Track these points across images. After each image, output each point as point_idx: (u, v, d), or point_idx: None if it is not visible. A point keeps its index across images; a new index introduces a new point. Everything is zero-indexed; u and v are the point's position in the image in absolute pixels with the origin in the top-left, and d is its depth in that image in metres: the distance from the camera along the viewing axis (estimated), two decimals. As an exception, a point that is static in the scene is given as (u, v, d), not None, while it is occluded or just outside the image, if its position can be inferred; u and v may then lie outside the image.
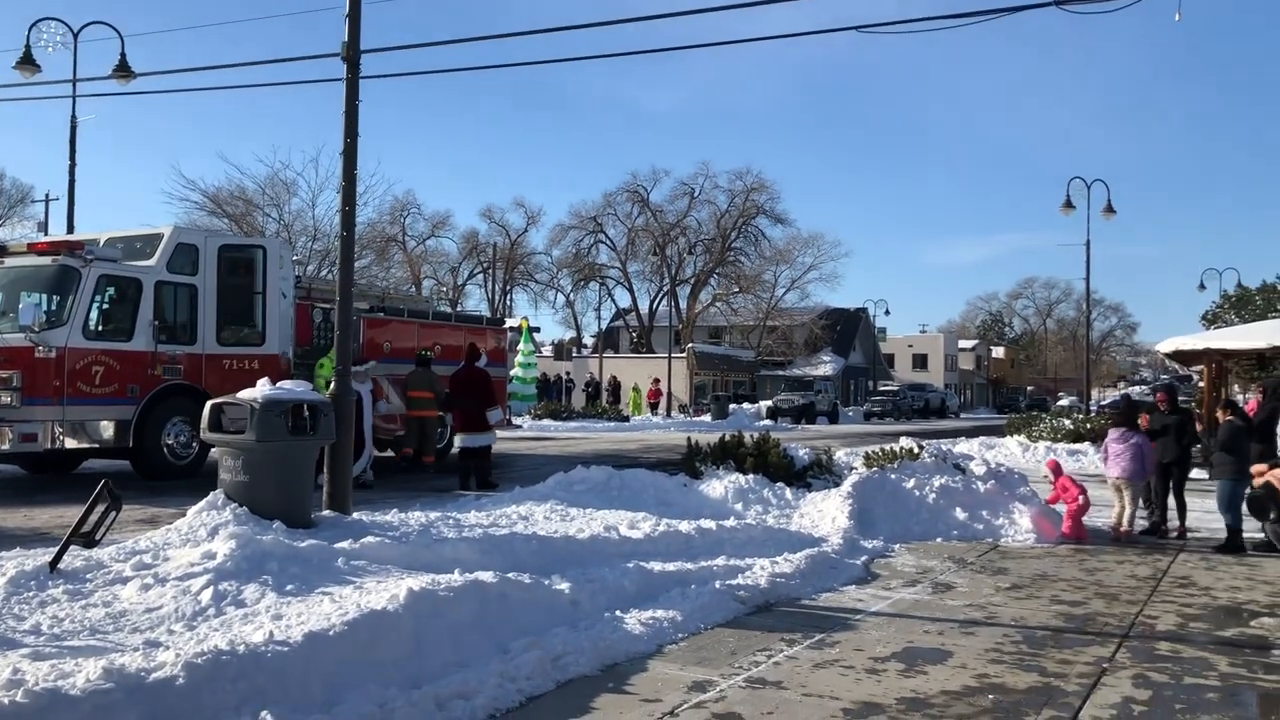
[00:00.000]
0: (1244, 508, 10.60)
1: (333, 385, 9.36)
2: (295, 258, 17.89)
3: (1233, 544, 10.68)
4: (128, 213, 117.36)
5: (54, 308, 12.67)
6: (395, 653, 5.40)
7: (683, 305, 67.25)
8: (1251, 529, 10.89)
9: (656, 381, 47.72)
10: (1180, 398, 14.19)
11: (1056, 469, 11.97)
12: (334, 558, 6.95)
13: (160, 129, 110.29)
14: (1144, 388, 71.14)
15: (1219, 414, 10.13)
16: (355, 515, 8.94)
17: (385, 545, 7.53)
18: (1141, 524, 11.85)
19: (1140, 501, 11.81)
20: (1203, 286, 57.05)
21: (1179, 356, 25.59)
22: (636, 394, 46.30)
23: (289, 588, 6.22)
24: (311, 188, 45.11)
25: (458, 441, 14.55)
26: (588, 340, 70.93)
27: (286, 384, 8.58)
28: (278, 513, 7.69)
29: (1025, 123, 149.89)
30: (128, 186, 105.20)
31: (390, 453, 17.75)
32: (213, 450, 10.85)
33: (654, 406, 45.90)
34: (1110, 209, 32.32)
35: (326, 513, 8.80)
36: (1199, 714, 5.30)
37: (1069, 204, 31.61)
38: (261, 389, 8.09)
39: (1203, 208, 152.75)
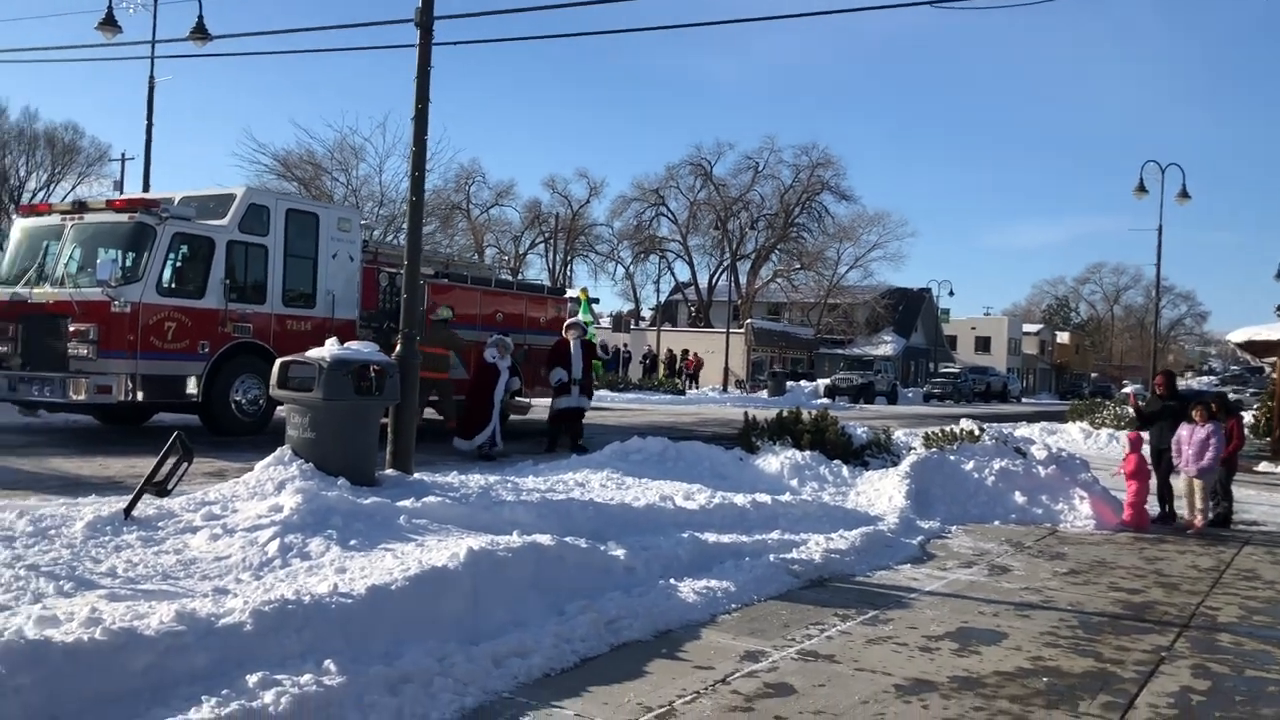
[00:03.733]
0: None
1: (398, 347, 9.50)
2: (364, 222, 18.12)
3: None
4: (200, 174, 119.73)
5: (129, 264, 12.97)
6: (455, 609, 5.51)
7: (742, 280, 66.97)
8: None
9: (694, 353, 47.60)
10: (1236, 390, 13.90)
11: (1136, 441, 11.76)
12: (396, 515, 7.10)
13: (234, 92, 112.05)
14: (1212, 378, 69.51)
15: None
16: (416, 475, 9.09)
17: (446, 505, 7.66)
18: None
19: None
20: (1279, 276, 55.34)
21: (1251, 347, 24.99)
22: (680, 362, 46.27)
23: (352, 542, 6.37)
24: (379, 153, 45.67)
25: (558, 404, 14.92)
26: (646, 313, 71.00)
27: (354, 344, 8.73)
28: (342, 470, 7.85)
29: (1101, 103, 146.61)
30: (201, 148, 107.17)
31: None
32: (280, 407, 11.09)
33: (694, 377, 45.70)
34: (1185, 194, 31.52)
35: (389, 471, 8.96)
36: (1260, 706, 5.23)
37: (1142, 188, 30.89)
38: (330, 349, 8.24)
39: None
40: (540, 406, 17.06)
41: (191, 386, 13.28)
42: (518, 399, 15.25)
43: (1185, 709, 5.15)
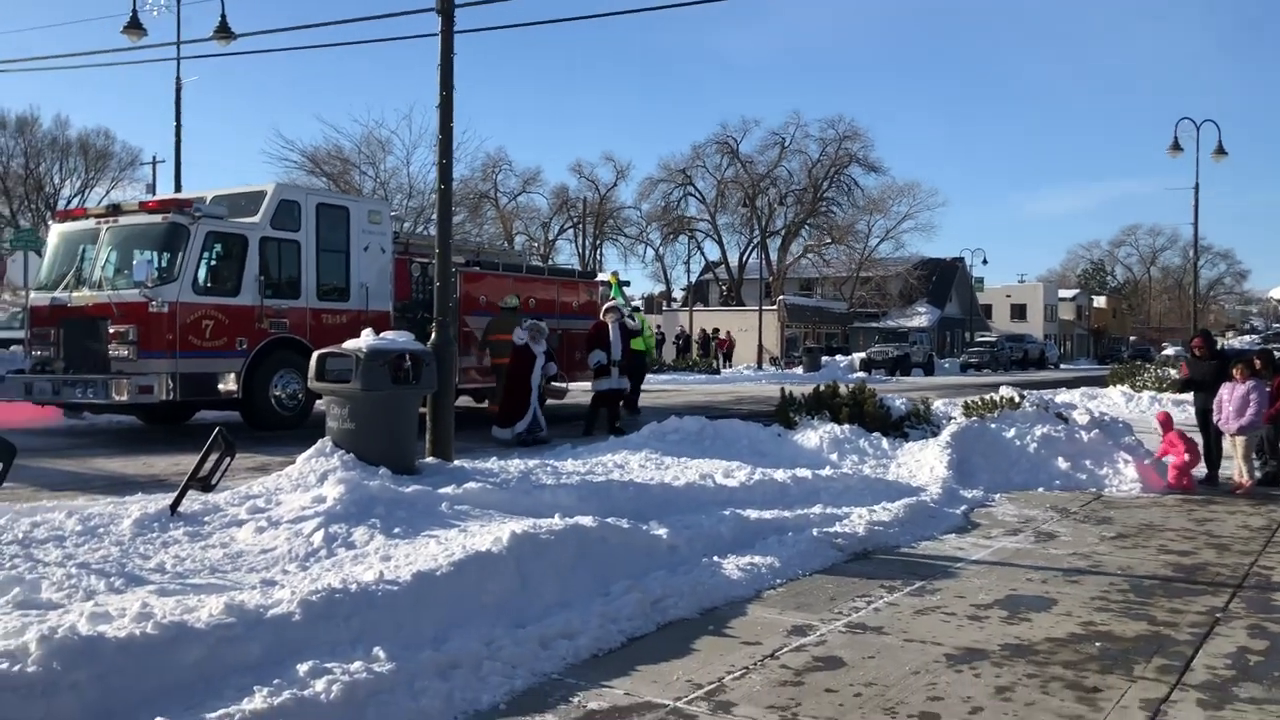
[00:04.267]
0: None
1: (434, 335, 9.52)
2: (392, 213, 18.17)
3: None
4: (229, 173, 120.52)
5: (165, 264, 13.10)
6: (500, 593, 5.52)
7: (773, 257, 66.67)
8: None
9: (727, 332, 47.47)
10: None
11: (1166, 422, 11.61)
12: (438, 502, 7.13)
13: (260, 92, 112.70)
14: (1254, 337, 68.43)
15: None
16: (457, 462, 9.13)
17: (487, 491, 7.68)
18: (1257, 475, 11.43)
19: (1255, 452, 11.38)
20: (1321, 230, 54.26)
21: (1295, 303, 24.54)
22: (712, 342, 46.17)
23: (396, 530, 6.40)
24: (406, 145, 45.92)
25: (598, 386, 15.09)
26: (677, 294, 70.87)
27: (389, 334, 8.76)
28: (383, 459, 7.88)
29: (1133, 64, 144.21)
30: (230, 147, 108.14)
31: (485, 403, 18.11)
32: (319, 400, 11.16)
33: (727, 356, 45.57)
34: (1221, 150, 30.93)
35: (429, 460, 8.99)
36: (1319, 665, 5.14)
37: (1176, 146, 30.35)
38: (366, 339, 8.27)
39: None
40: (577, 390, 17.09)
41: (231, 383, 13.42)
42: (554, 383, 15.30)
43: (1243, 669, 5.06)
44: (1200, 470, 11.45)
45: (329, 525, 6.33)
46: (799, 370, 42.42)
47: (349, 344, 8.34)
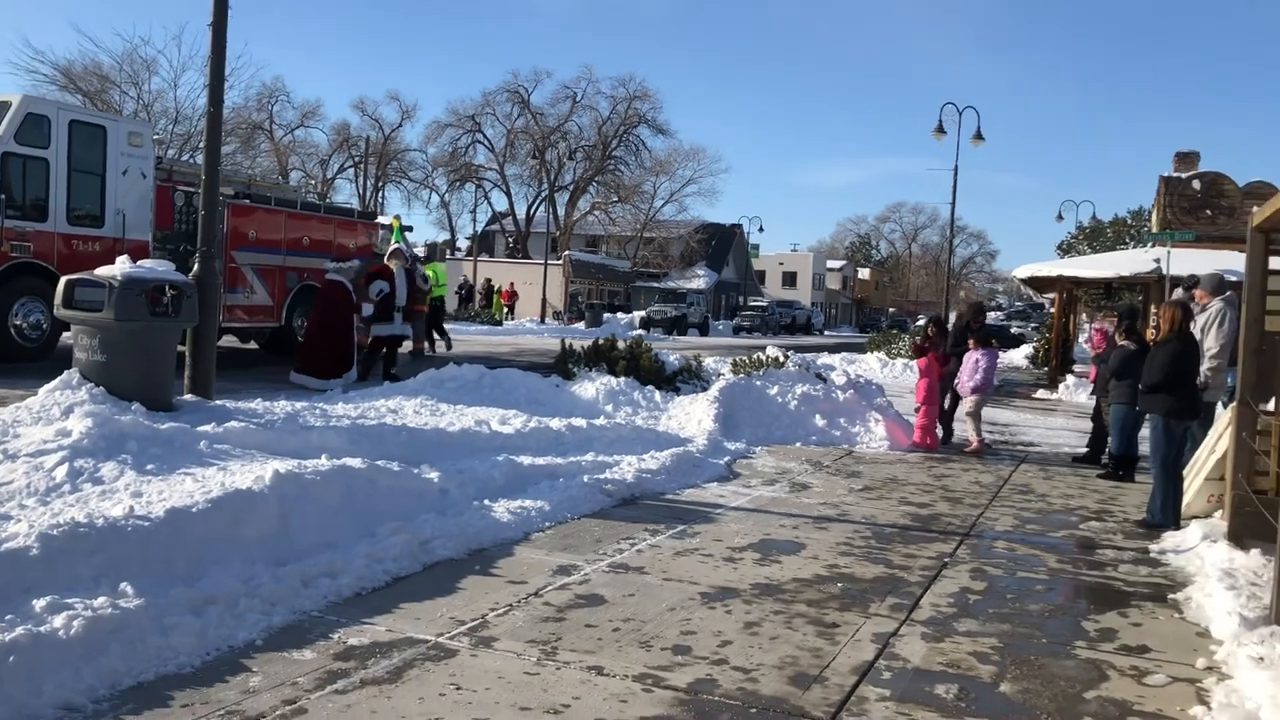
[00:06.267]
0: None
1: (196, 266, 9.05)
2: (156, 137, 17.02)
3: (1118, 469, 10.36)
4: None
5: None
6: (261, 532, 5.37)
7: (560, 212, 66.67)
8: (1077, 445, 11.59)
9: (511, 284, 47.44)
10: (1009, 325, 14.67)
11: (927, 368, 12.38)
12: (196, 440, 6.82)
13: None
14: (999, 313, 74.00)
15: (1117, 338, 10.45)
16: (219, 401, 8.75)
17: (250, 430, 7.42)
18: (990, 439, 12.38)
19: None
20: (1060, 217, 59.51)
21: (1033, 283, 26.80)
22: (496, 295, 45.94)
23: (149, 467, 6.09)
24: (174, 67, 42.96)
25: (379, 330, 14.44)
26: (462, 243, 69.80)
27: (148, 263, 8.27)
28: (137, 394, 7.46)
29: (904, 47, 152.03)
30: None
31: (253, 344, 17.39)
32: (67, 332, 10.41)
33: (510, 309, 45.52)
34: (979, 136, 33.06)
35: (188, 397, 8.58)
36: (1027, 603, 5.73)
37: (940, 130, 32.27)
38: (121, 266, 7.79)
39: (1067, 141, 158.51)
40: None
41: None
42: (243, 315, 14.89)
43: (963, 606, 5.58)
44: (990, 438, 12.34)
45: (74, 460, 5.95)
46: (581, 325, 42.78)
47: (102, 270, 7.83)
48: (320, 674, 4.06)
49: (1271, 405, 7.41)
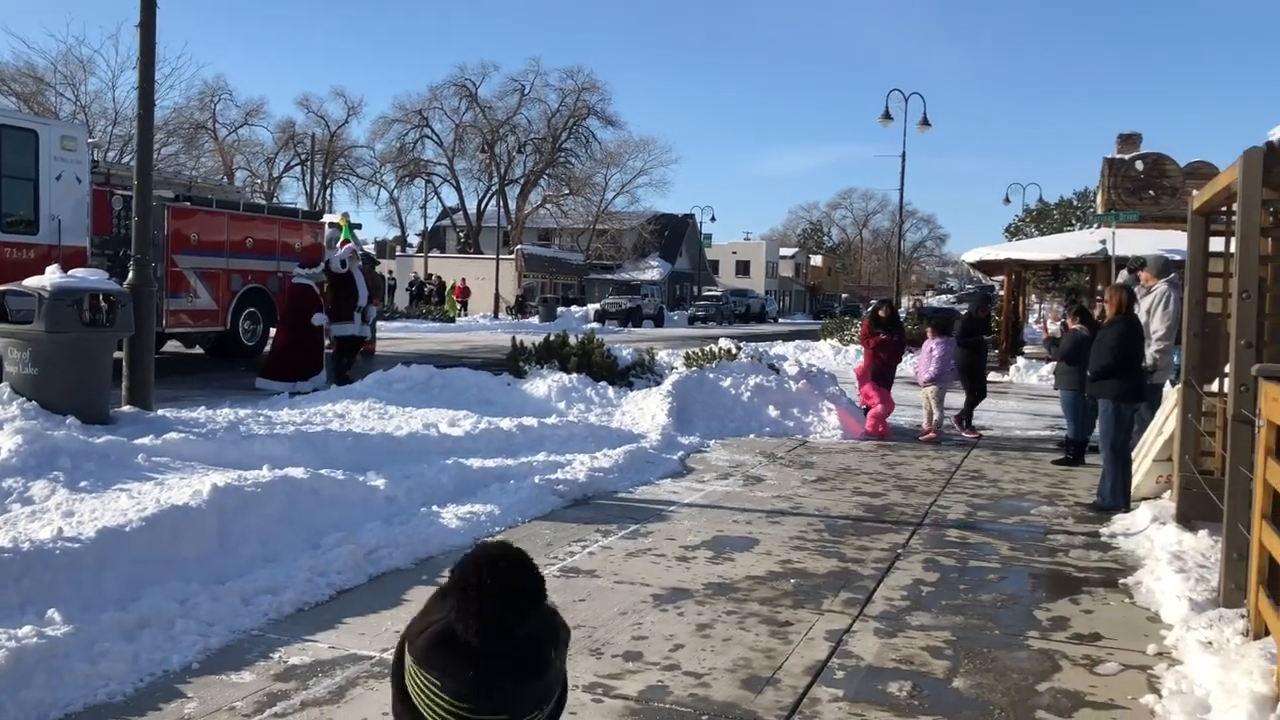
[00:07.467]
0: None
1: (131, 274, 8.81)
2: (91, 140, 16.62)
3: (1072, 455, 10.32)
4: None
5: None
6: (199, 549, 5.23)
7: (511, 206, 66.27)
8: (1039, 427, 11.65)
9: (463, 279, 47.13)
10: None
11: (862, 377, 12.45)
12: (134, 454, 6.64)
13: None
14: (949, 297, 74.73)
15: (1068, 322, 10.37)
16: (159, 411, 8.54)
17: (190, 442, 7.23)
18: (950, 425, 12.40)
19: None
20: (1008, 200, 60.11)
21: (982, 266, 27.04)
22: (449, 291, 45.60)
23: (83, 484, 5.91)
24: (111, 67, 42.07)
25: (339, 331, 14.23)
26: (413, 239, 69.15)
27: (80, 272, 8.04)
28: (71, 408, 7.25)
29: (852, 33, 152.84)
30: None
31: (198, 349, 17.08)
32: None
33: (464, 304, 45.20)
34: (926, 122, 33.27)
35: (126, 409, 8.36)
36: (980, 593, 5.72)
37: (887, 116, 32.42)
38: (51, 276, 7.55)
39: (1013, 125, 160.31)
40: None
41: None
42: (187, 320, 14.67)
43: (916, 599, 5.56)
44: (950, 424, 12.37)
45: (2, 479, 5.76)
46: (535, 320, 42.54)
47: (31, 281, 7.59)
48: (259, 697, 3.94)
49: (1215, 386, 7.47)
